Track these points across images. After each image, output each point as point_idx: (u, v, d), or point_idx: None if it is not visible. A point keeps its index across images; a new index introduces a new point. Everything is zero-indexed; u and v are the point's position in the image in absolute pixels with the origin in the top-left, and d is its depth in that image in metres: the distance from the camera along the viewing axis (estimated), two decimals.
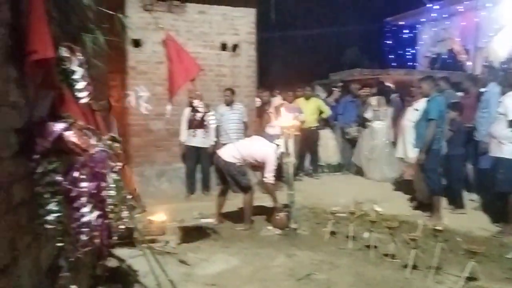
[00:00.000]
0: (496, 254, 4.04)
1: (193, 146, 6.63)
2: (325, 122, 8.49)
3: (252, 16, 7.37)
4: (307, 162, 8.36)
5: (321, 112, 8.25)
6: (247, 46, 7.38)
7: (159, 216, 4.72)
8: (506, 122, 4.54)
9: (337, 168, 8.59)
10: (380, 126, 7.71)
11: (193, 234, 4.68)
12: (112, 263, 3.11)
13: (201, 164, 6.77)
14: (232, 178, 4.93)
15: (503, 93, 4.81)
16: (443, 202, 5.44)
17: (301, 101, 8.20)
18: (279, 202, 5.07)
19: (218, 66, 7.19)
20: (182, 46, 3.88)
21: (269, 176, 4.90)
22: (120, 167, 2.30)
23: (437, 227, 3.57)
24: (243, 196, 5.04)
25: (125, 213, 2.39)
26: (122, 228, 2.37)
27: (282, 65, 14.12)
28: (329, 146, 8.55)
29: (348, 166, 8.58)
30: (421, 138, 5.10)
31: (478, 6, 10.31)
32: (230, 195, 5.29)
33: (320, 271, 3.61)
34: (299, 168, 8.13)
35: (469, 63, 10.69)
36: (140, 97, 6.86)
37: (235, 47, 7.27)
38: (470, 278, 3.34)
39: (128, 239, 3.54)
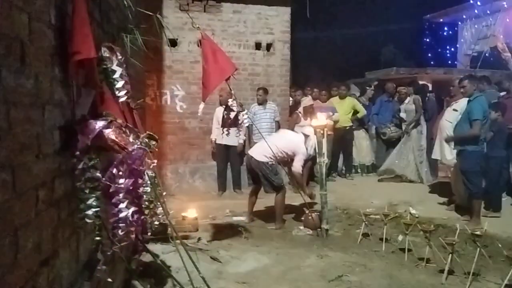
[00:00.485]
0: None
1: (223, 145, 6.71)
2: (359, 122, 8.36)
3: (287, 15, 7.35)
4: (340, 163, 8.26)
5: (356, 112, 8.13)
6: (281, 45, 7.37)
7: (191, 212, 4.80)
8: None
9: (371, 169, 8.45)
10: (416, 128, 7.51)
11: (224, 231, 4.73)
12: (146, 258, 3.19)
13: (231, 162, 6.83)
14: (264, 177, 4.93)
15: None
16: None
17: (335, 100, 8.11)
18: (309, 193, 5.05)
19: (252, 65, 7.23)
20: (218, 46, 3.92)
21: (297, 165, 4.90)
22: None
23: (476, 232, 3.45)
24: (275, 196, 5.03)
25: (159, 209, 2.45)
26: (156, 224, 2.44)
27: (317, 64, 14.00)
28: (363, 147, 8.42)
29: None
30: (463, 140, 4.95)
31: None
32: (262, 194, 5.31)
33: (352, 273, 3.57)
34: (332, 168, 8.06)
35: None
36: (175, 96, 7.00)
37: (269, 46, 7.28)
38: (510, 286, 3.21)
39: (162, 235, 3.62)
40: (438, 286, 3.34)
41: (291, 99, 7.74)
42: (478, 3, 11.37)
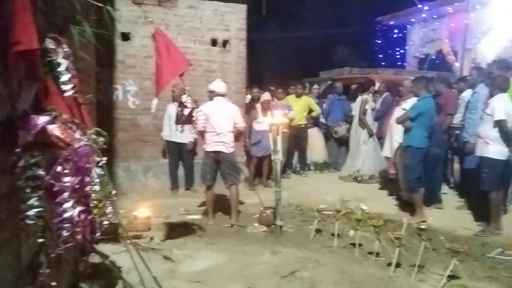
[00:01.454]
0: (479, 253, 4.10)
1: (174, 142, 6.61)
2: (314, 120, 8.52)
3: (243, 12, 7.34)
4: (295, 160, 8.38)
5: (311, 111, 8.28)
6: (238, 42, 7.35)
7: (143, 211, 4.69)
8: (492, 123, 4.62)
9: (324, 167, 8.63)
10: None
11: (178, 230, 4.66)
12: (95, 259, 3.07)
13: (183, 160, 6.75)
14: (232, 169, 5.04)
15: (491, 95, 4.86)
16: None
17: (291, 99, 8.22)
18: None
19: (207, 62, 7.16)
20: (171, 41, 3.84)
21: (241, 121, 5.19)
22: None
23: (420, 226, 3.61)
24: (232, 189, 5.10)
25: (109, 209, 2.36)
26: (106, 224, 2.35)
27: (274, 63, 14.10)
28: (316, 145, 8.58)
29: (335, 164, 8.62)
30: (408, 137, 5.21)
31: (467, 8, 10.42)
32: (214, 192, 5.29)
33: (305, 268, 3.62)
34: (286, 165, 8.16)
35: (457, 64, 10.82)
36: (127, 92, 6.80)
37: (225, 43, 7.25)
38: (452, 277, 3.39)
39: (112, 235, 3.50)
40: (386, 278, 3.47)
41: (248, 96, 7.75)
42: (426, 8, 11.91)
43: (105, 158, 2.29)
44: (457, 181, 6.54)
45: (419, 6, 11.42)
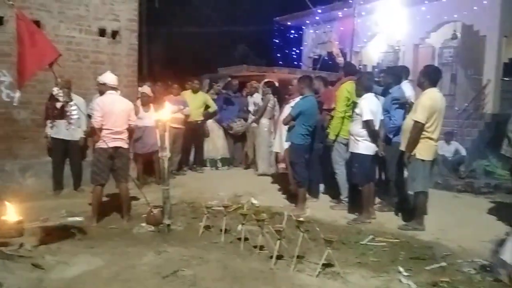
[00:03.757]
0: (353, 240, 4.42)
1: (60, 139, 6.12)
2: (211, 117, 8.50)
3: (134, 2, 7.03)
4: (191, 156, 8.29)
5: (207, 107, 8.24)
6: (129, 34, 7.01)
7: (13, 215, 4.23)
8: (361, 123, 5.00)
9: (223, 163, 8.66)
10: (263, 122, 7.97)
11: (55, 234, 4.28)
12: None
13: (70, 158, 6.28)
14: (126, 165, 4.97)
15: (358, 95, 5.24)
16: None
17: (188, 94, 8.10)
18: None
19: (95, 53, 6.71)
20: (37, 27, 3.49)
21: (134, 118, 5.13)
22: None
23: (299, 218, 3.78)
24: (123, 186, 4.96)
25: None
26: None
27: (173, 58, 13.81)
28: (215, 141, 8.58)
29: (233, 160, 8.72)
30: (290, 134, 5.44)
31: (355, 13, 11.25)
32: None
33: (188, 267, 3.57)
34: (183, 162, 8.04)
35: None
36: (1, 82, 6.08)
37: (115, 33, 6.86)
38: (328, 265, 3.60)
39: None
40: (267, 271, 3.56)
41: (140, 89, 7.43)
42: (319, 10, 12.62)
43: None
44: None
45: (313, 9, 12.04)
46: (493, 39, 10.61)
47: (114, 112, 4.78)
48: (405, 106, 5.41)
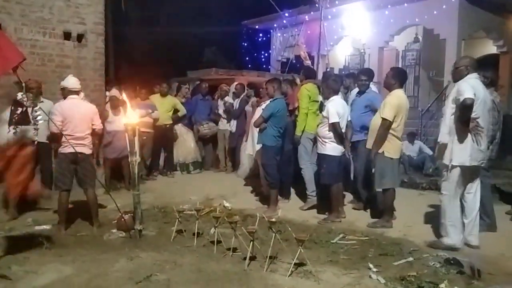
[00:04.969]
0: (324, 239, 4.51)
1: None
2: (180, 120, 8.46)
3: (100, 5, 6.93)
4: (161, 161, 8.21)
5: (176, 110, 8.19)
6: (95, 37, 6.90)
7: None
8: (328, 125, 5.12)
9: (196, 166, 8.62)
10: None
11: (22, 244, 4.15)
12: None
13: (41, 163, 6.07)
14: (90, 171, 4.86)
15: (325, 98, 5.37)
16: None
17: (156, 98, 8.03)
18: None
19: (60, 57, 6.56)
20: (1, 31, 3.40)
21: (98, 123, 4.95)
22: None
23: (271, 219, 3.83)
24: (89, 192, 4.87)
25: None
26: None
27: (140, 61, 13.62)
28: (185, 145, 8.53)
29: (203, 163, 8.70)
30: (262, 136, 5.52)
31: (321, 17, 11.47)
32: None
33: (161, 271, 3.55)
34: (153, 167, 7.96)
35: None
36: None
37: (80, 37, 6.73)
38: (300, 264, 3.67)
39: None
40: (241, 272, 3.59)
41: (107, 93, 7.31)
42: (286, 14, 12.80)
43: None
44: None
45: (280, 12, 12.20)
46: (452, 42, 11.07)
47: (75, 117, 4.65)
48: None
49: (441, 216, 4.40)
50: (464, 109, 4.00)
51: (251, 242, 3.73)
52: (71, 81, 4.84)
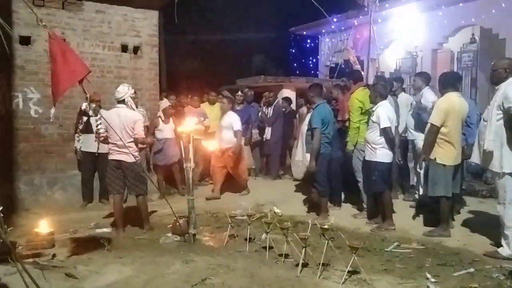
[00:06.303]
0: (378, 248, 4.41)
1: (89, 152, 6.29)
2: None
3: (155, 18, 7.24)
4: None
5: None
6: (150, 49, 7.22)
7: (45, 227, 4.38)
8: (379, 130, 4.97)
9: (249, 173, 8.70)
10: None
11: (85, 245, 4.42)
12: None
13: (99, 170, 6.43)
14: (135, 178, 4.94)
15: (373, 102, 5.19)
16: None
17: (206, 106, 8.24)
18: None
19: (117, 68, 6.92)
20: (68, 46, 3.66)
21: (139, 131, 4.88)
22: None
23: (324, 226, 3.80)
24: (139, 199, 5.04)
25: None
26: None
27: (191, 70, 14.04)
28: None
29: (255, 169, 8.80)
30: (309, 145, 5.45)
31: (371, 21, 11.26)
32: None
33: (216, 275, 3.63)
34: (205, 173, 8.13)
35: (363, 73, 11.65)
36: (29, 99, 6.32)
37: (136, 49, 7.07)
38: (354, 272, 3.61)
39: (4, 254, 3.23)
40: (293, 279, 3.59)
41: (165, 102, 7.59)
42: (334, 19, 12.69)
43: None
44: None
45: (328, 18, 12.12)
46: None
47: (115, 125, 4.75)
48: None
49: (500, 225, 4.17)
50: None
51: (304, 249, 3.72)
52: (117, 91, 4.99)
